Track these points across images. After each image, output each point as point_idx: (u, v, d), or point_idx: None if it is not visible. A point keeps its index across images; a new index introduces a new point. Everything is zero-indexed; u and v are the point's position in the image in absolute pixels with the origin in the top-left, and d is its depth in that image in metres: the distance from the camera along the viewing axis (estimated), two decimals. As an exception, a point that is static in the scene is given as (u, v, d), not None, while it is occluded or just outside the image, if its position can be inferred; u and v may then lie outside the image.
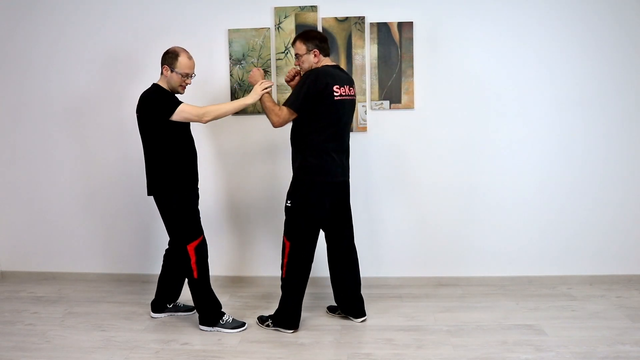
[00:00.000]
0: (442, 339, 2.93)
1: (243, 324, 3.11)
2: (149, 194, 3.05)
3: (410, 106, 3.62)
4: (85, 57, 3.76)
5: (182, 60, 2.94)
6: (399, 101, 3.62)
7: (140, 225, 3.87)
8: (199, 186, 3.15)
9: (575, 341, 2.86)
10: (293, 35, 3.57)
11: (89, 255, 3.96)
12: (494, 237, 3.70)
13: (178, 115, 2.88)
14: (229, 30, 3.63)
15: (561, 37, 3.53)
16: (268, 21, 3.63)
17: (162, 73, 2.98)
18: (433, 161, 3.67)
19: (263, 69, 3.63)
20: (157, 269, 3.83)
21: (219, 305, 3.12)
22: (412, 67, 3.58)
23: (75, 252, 3.97)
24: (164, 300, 3.30)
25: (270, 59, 3.64)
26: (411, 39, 3.56)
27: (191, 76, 3.02)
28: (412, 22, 3.55)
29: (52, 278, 4.00)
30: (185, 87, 3.03)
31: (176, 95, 3.02)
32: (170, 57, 2.95)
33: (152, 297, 3.35)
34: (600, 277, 3.69)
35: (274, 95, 3.65)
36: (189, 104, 2.95)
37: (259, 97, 2.95)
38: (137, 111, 2.95)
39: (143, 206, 3.82)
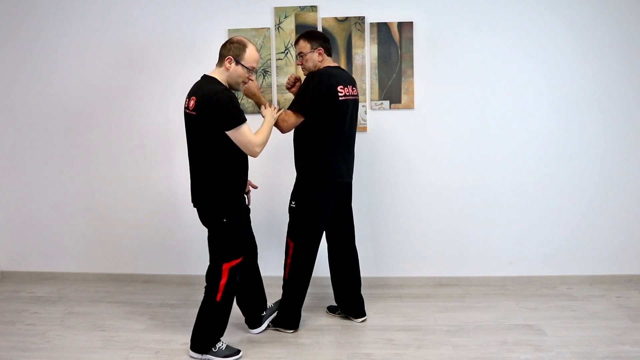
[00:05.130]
0: (442, 339, 2.94)
1: (237, 352, 2.78)
2: (194, 205, 2.73)
3: (410, 106, 3.62)
4: (85, 57, 3.75)
5: (250, 51, 2.62)
6: (399, 101, 3.62)
7: (141, 225, 3.87)
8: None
9: (575, 341, 2.87)
10: (293, 36, 3.57)
11: (89, 255, 3.96)
12: (494, 237, 3.70)
13: (235, 135, 2.56)
14: (229, 30, 3.63)
15: (561, 37, 3.53)
16: (268, 21, 3.63)
17: (220, 66, 2.65)
18: (433, 161, 3.67)
19: (263, 70, 3.64)
20: (157, 269, 3.85)
21: (221, 334, 2.79)
22: (412, 67, 3.58)
23: (75, 252, 3.97)
24: (257, 313, 3.05)
25: (270, 59, 3.64)
26: (411, 39, 3.56)
27: (255, 71, 2.73)
28: (412, 22, 3.55)
29: (52, 278, 4.00)
30: (245, 85, 2.73)
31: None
32: (236, 48, 2.62)
33: (152, 296, 3.35)
34: (600, 277, 3.69)
35: (274, 96, 3.65)
36: (249, 128, 2.61)
37: (275, 120, 2.84)
38: (196, 109, 2.56)
39: (143, 205, 3.82)
